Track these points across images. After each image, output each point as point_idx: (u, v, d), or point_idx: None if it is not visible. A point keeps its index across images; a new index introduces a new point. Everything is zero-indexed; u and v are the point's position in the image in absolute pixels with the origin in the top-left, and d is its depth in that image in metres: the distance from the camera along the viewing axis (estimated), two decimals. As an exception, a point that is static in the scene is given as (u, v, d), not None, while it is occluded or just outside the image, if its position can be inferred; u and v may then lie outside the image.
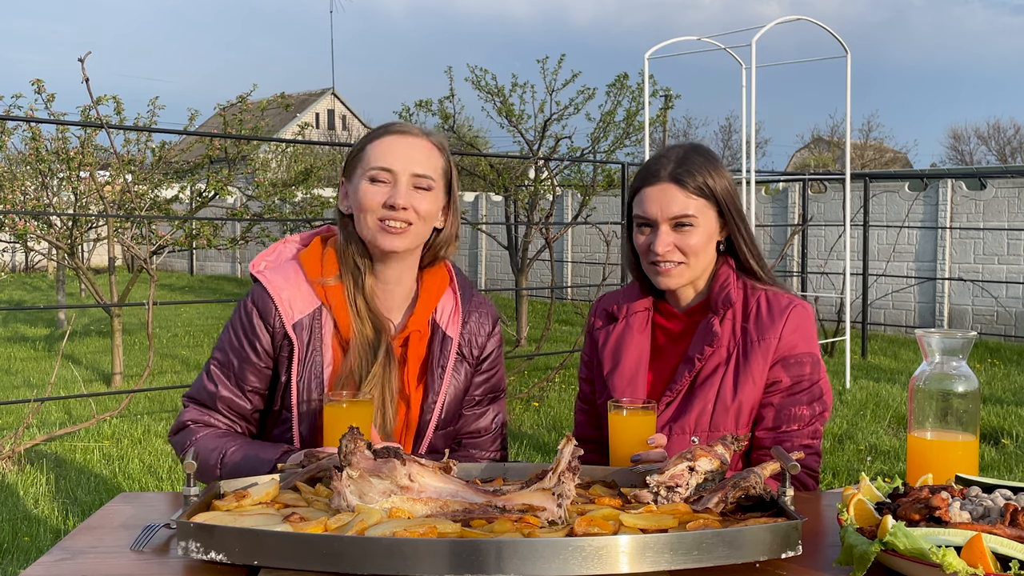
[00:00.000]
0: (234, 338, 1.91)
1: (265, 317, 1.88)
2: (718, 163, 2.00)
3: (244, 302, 1.91)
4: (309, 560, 1.25)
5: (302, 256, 1.93)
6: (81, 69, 6.51)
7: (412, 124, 1.92)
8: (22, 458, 5.46)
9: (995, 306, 11.10)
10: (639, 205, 1.98)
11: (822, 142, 36.16)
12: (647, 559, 1.25)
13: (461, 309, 1.98)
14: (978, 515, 1.33)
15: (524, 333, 10.54)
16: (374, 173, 1.84)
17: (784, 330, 1.93)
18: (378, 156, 1.85)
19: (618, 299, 2.12)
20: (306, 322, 1.87)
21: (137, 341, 10.64)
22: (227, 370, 1.91)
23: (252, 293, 1.91)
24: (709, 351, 1.95)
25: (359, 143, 1.92)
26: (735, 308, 1.98)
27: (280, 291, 1.87)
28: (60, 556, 1.40)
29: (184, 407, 1.96)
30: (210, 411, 1.91)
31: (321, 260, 1.91)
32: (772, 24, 7.38)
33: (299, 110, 34.78)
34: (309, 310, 1.87)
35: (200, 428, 1.90)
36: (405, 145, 1.86)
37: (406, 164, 1.84)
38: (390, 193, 1.83)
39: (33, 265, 19.38)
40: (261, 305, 1.88)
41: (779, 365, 1.93)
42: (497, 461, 2.04)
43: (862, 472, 3.76)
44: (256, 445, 1.84)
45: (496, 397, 2.07)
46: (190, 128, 8.87)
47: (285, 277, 1.89)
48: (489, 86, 10.59)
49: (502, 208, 14.02)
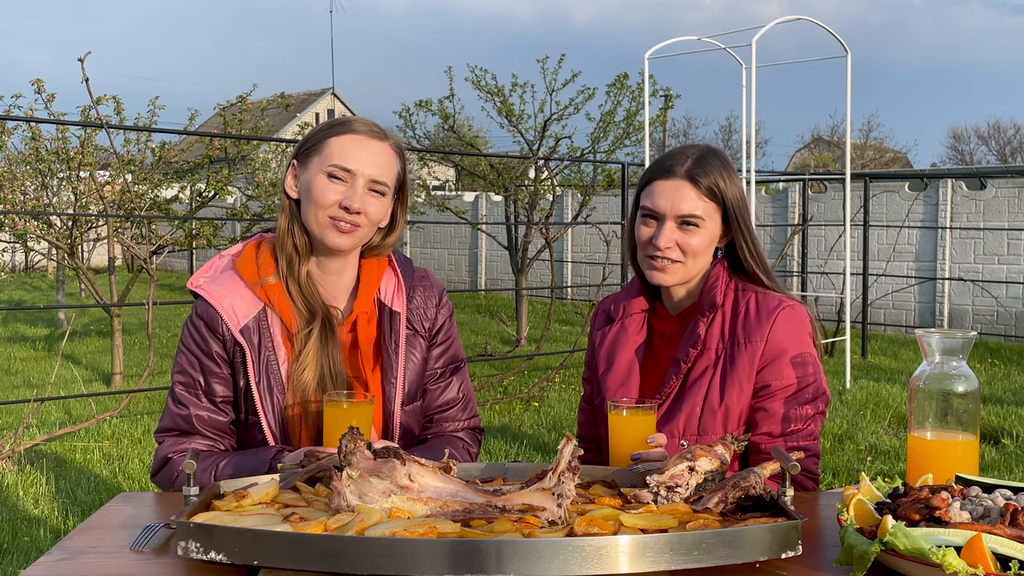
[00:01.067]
0: (190, 355, 1.91)
1: (213, 327, 1.89)
2: (732, 169, 2.00)
3: (190, 319, 1.93)
4: (309, 560, 1.25)
5: (237, 264, 1.94)
6: (81, 69, 6.51)
7: (374, 123, 1.92)
8: (22, 458, 5.46)
9: (995, 306, 11.10)
10: (648, 197, 1.97)
11: (822, 142, 36.17)
12: (647, 559, 1.25)
13: (404, 285, 2.01)
14: (978, 515, 1.33)
15: (524, 333, 10.53)
16: (333, 170, 1.85)
17: (771, 333, 1.91)
18: (340, 154, 1.86)
19: (616, 300, 2.13)
20: (252, 325, 1.88)
21: (137, 341, 10.64)
22: (194, 388, 1.90)
23: (195, 308, 1.92)
24: (694, 353, 1.94)
25: (320, 131, 1.91)
26: (724, 310, 1.96)
27: (221, 299, 1.89)
28: (60, 556, 1.40)
29: (159, 443, 1.93)
30: (188, 436, 1.90)
31: (256, 262, 1.92)
32: (772, 24, 7.39)
33: (299, 110, 34.79)
34: (253, 313, 1.89)
35: (183, 458, 1.86)
36: (368, 148, 1.88)
37: (366, 167, 1.86)
38: (346, 194, 1.85)
39: (33, 265, 19.37)
40: (207, 317, 1.89)
41: (770, 367, 1.91)
42: (473, 429, 2.09)
43: (862, 472, 3.76)
44: (246, 454, 1.84)
45: (458, 367, 2.09)
46: (190, 128, 8.86)
47: (224, 286, 1.91)
48: (489, 86, 10.59)
49: (502, 208, 14.03)
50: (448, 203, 12.61)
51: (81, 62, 6.44)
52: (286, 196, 1.93)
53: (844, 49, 7.76)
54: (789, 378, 1.91)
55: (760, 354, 1.91)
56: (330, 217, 1.85)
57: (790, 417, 1.91)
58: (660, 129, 19.22)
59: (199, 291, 1.91)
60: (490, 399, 7.19)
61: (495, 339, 10.93)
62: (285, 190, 1.93)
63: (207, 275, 1.96)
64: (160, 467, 1.90)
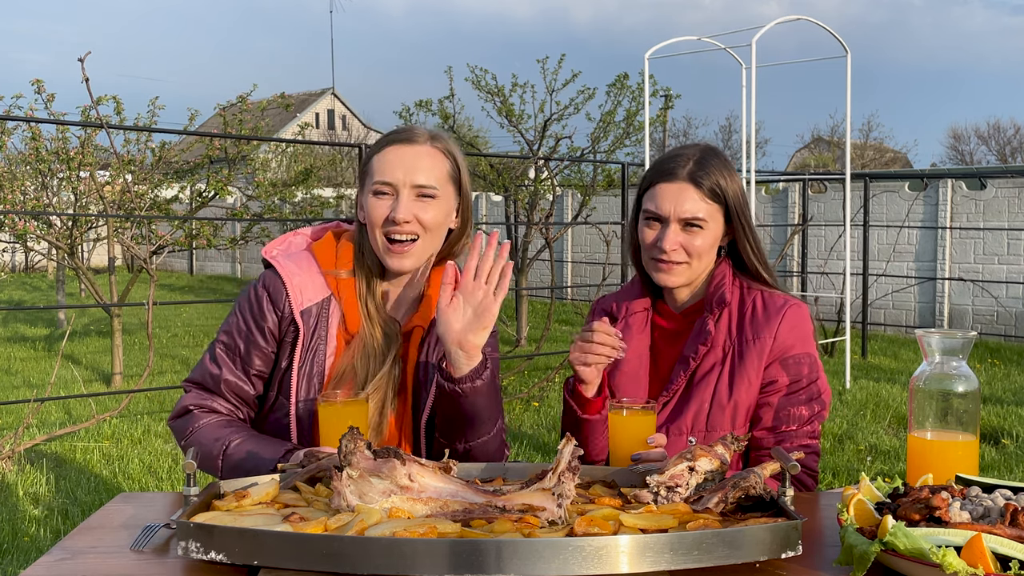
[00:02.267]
0: (241, 321, 1.92)
1: (275, 300, 1.89)
2: (732, 167, 2.01)
3: (254, 285, 1.93)
4: (309, 560, 1.25)
5: (315, 247, 1.95)
6: (81, 69, 6.51)
7: (417, 128, 1.91)
8: (22, 458, 5.46)
9: (995, 306, 11.10)
10: (651, 200, 1.97)
11: (822, 142, 36.16)
12: (647, 559, 1.25)
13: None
14: (978, 515, 1.33)
15: (524, 333, 10.54)
16: (377, 187, 1.86)
17: (779, 330, 1.93)
18: (381, 170, 1.87)
19: (617, 299, 2.13)
20: (314, 310, 1.89)
21: (137, 341, 10.64)
22: (233, 354, 1.91)
23: (263, 278, 1.93)
24: (704, 350, 1.95)
25: (369, 153, 1.93)
26: (731, 308, 1.98)
27: (292, 276, 1.89)
28: (60, 556, 1.40)
29: (185, 392, 1.96)
30: (213, 396, 1.92)
31: (336, 252, 1.93)
32: (772, 24, 7.38)
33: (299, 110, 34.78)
34: (318, 299, 1.89)
35: (203, 415, 1.90)
36: (406, 155, 1.86)
37: (407, 176, 1.85)
38: (392, 207, 1.84)
39: (33, 265, 19.37)
40: (272, 288, 1.90)
41: (776, 364, 1.93)
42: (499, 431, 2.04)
43: (862, 472, 3.76)
44: (259, 440, 1.83)
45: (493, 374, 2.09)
46: (190, 128, 8.86)
47: (298, 264, 1.92)
48: (489, 86, 10.58)
49: (502, 208, 14.03)
50: (448, 203, 12.58)
51: (81, 62, 6.44)
52: (359, 223, 1.94)
53: (844, 49, 7.76)
54: (796, 375, 1.93)
55: (768, 350, 1.93)
56: (384, 236, 1.85)
57: (792, 415, 1.92)
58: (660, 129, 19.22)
59: (273, 261, 1.92)
60: (490, 399, 7.18)
61: (495, 339, 10.91)
62: (359, 219, 1.95)
63: (281, 247, 1.97)
64: (179, 415, 1.92)
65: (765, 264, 2.03)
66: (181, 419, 1.92)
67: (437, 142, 1.91)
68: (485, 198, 16.25)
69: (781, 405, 1.93)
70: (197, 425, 1.87)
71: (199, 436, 1.85)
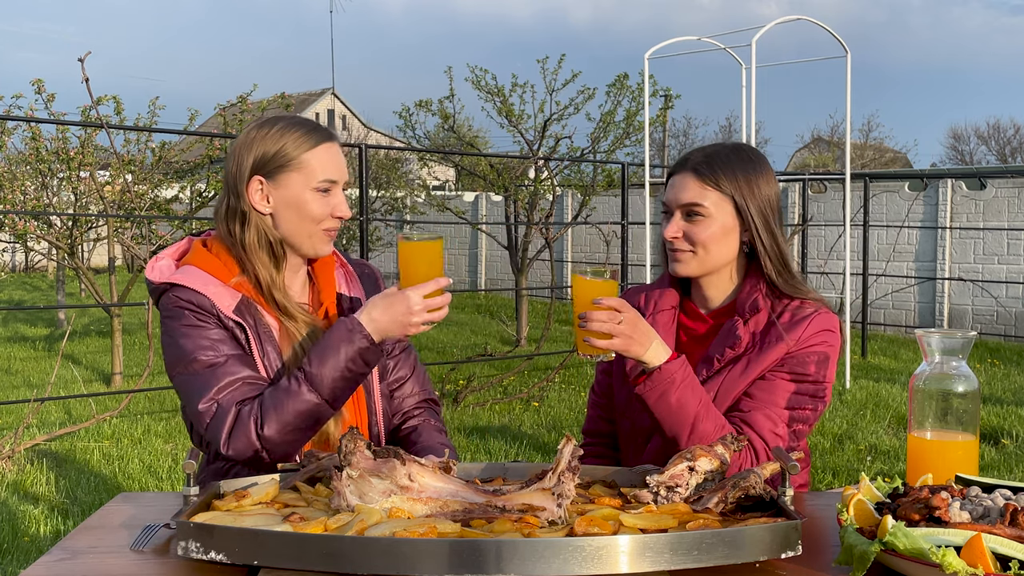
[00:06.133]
0: (196, 338, 1.79)
1: (204, 310, 1.81)
2: (753, 166, 1.96)
3: (170, 311, 1.82)
4: (309, 560, 1.25)
5: (195, 262, 1.87)
6: (81, 69, 6.51)
7: (323, 126, 1.97)
8: (22, 458, 5.46)
9: (995, 306, 11.10)
10: (664, 192, 2.03)
11: (822, 142, 36.16)
12: (647, 559, 1.25)
13: (356, 273, 2.06)
14: (978, 515, 1.33)
15: (524, 333, 10.54)
16: (323, 185, 1.87)
17: (803, 334, 1.90)
18: (325, 167, 1.87)
19: (648, 293, 2.10)
20: (241, 307, 1.84)
21: (137, 341, 10.64)
22: (222, 361, 1.78)
23: (170, 301, 1.82)
24: (730, 354, 1.93)
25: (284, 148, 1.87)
26: (760, 315, 1.95)
27: (205, 286, 1.82)
28: (60, 556, 1.40)
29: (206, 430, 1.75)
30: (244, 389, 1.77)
31: (221, 262, 1.88)
32: (772, 24, 7.38)
33: (299, 110, 34.75)
34: (235, 302, 1.84)
35: (247, 402, 1.75)
36: (336, 153, 1.92)
37: (343, 173, 1.92)
38: (336, 204, 1.89)
39: (33, 265, 19.37)
40: (195, 302, 1.81)
41: (789, 357, 1.89)
42: (428, 400, 2.13)
43: (862, 472, 3.76)
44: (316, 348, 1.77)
45: (406, 345, 2.13)
46: (190, 128, 8.86)
47: (198, 278, 1.84)
48: (489, 86, 10.58)
49: (502, 208, 14.02)
50: (448, 203, 12.60)
51: (81, 62, 6.44)
52: (255, 212, 1.87)
53: (844, 49, 7.76)
54: (805, 368, 1.89)
55: (787, 351, 1.90)
56: (324, 229, 1.89)
57: (779, 387, 1.89)
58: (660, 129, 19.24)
59: (177, 281, 1.82)
60: (490, 399, 7.19)
61: (495, 339, 10.93)
62: (254, 207, 1.87)
63: (164, 273, 1.87)
64: (231, 427, 1.73)
65: (783, 271, 1.96)
66: (237, 422, 1.73)
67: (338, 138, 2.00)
68: (485, 198, 16.25)
69: (773, 378, 1.90)
70: (254, 403, 1.74)
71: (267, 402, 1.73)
